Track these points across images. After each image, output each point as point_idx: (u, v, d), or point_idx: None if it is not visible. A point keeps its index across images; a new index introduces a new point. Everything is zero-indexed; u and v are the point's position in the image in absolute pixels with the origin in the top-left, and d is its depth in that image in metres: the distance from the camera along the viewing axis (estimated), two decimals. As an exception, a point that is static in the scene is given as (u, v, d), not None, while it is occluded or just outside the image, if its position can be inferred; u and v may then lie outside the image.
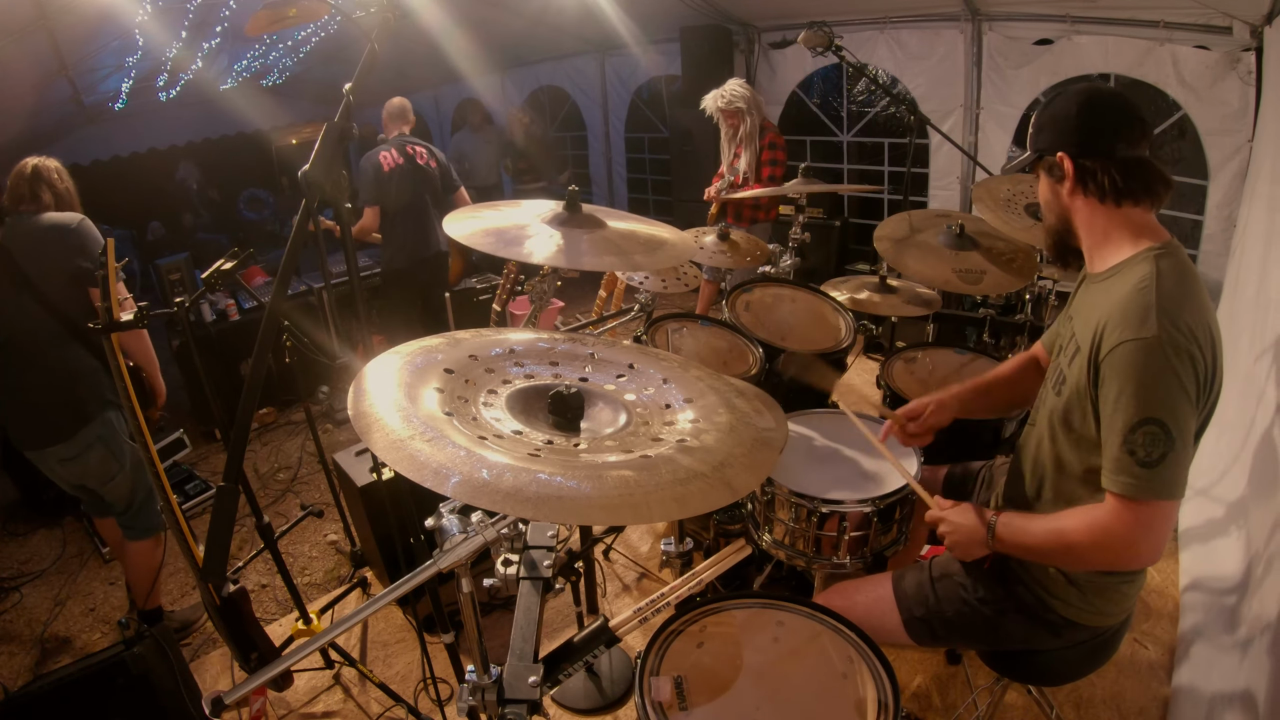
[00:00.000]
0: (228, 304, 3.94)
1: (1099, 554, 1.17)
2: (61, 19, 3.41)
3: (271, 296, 1.19)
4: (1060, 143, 1.25)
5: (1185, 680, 1.95)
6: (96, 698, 1.75)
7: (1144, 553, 1.12)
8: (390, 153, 3.58)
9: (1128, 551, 1.13)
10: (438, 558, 0.98)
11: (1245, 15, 2.97)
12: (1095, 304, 1.24)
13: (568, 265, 1.54)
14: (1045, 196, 1.34)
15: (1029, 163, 1.35)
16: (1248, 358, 2.24)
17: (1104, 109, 1.23)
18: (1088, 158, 1.23)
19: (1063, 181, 1.27)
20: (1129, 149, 1.21)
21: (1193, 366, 1.08)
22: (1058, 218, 1.34)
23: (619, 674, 2.17)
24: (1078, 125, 1.23)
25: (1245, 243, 2.78)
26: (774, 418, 1.09)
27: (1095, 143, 1.22)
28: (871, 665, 1.21)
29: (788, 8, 4.79)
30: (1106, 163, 1.21)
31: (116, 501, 2.29)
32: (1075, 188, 1.26)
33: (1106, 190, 1.22)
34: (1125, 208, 1.23)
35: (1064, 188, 1.28)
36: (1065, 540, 1.19)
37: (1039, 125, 1.30)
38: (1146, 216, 1.24)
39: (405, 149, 3.61)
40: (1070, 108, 1.24)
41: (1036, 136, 1.31)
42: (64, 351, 2.10)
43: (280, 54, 5.58)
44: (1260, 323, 2.24)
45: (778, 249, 2.69)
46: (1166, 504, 1.10)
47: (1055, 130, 1.26)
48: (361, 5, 1.50)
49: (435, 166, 3.72)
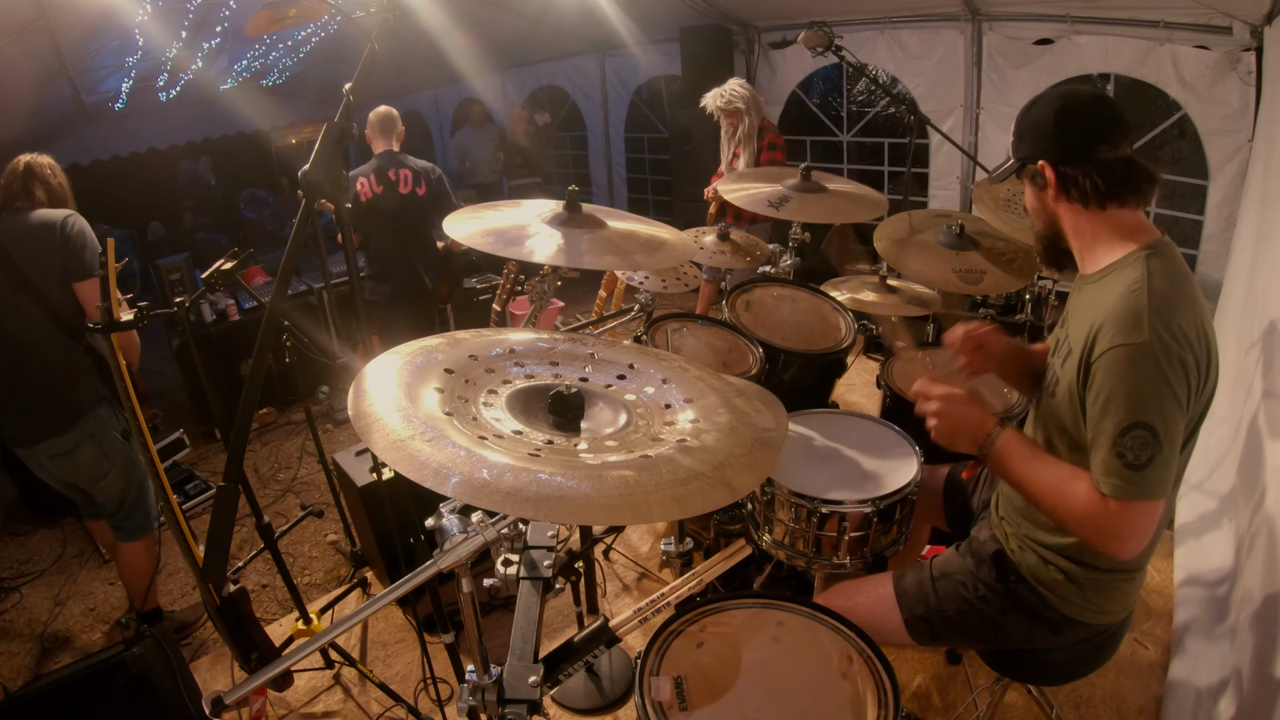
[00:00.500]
0: (228, 304, 3.94)
1: (1082, 531, 1.18)
2: (61, 19, 3.41)
3: (271, 296, 1.19)
4: (1040, 150, 1.25)
5: (1179, 673, 1.95)
6: (96, 698, 1.75)
7: (1127, 547, 1.14)
8: (369, 179, 3.19)
9: (1111, 544, 1.14)
10: (438, 558, 0.98)
11: (1245, 15, 2.97)
12: (1088, 306, 1.24)
13: (568, 265, 1.54)
14: (1031, 204, 1.34)
15: (1014, 170, 1.34)
16: (1236, 352, 2.25)
17: (1081, 113, 1.22)
18: (1068, 164, 1.22)
19: (1046, 189, 1.27)
20: (1110, 150, 1.20)
21: (1183, 370, 1.09)
22: (1045, 224, 1.33)
23: (619, 674, 2.17)
24: (1055, 132, 1.23)
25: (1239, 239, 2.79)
26: (774, 417, 1.09)
27: (1074, 148, 1.22)
28: (871, 665, 1.21)
29: (788, 8, 4.79)
30: (1088, 167, 1.21)
31: (107, 502, 2.29)
32: (1059, 195, 1.26)
33: (1089, 195, 1.22)
34: (1111, 210, 1.23)
35: (1048, 195, 1.28)
36: (1065, 500, 1.18)
37: (1019, 133, 1.30)
38: (1135, 216, 1.24)
39: (387, 173, 3.20)
40: (1047, 114, 1.24)
41: (1018, 145, 1.30)
42: (57, 348, 2.11)
43: (280, 54, 5.59)
44: (1249, 317, 2.25)
45: (778, 249, 2.69)
46: (1151, 504, 1.12)
47: (1035, 138, 1.26)
48: (361, 5, 1.51)
49: (424, 192, 3.27)
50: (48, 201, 2.12)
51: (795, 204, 2.35)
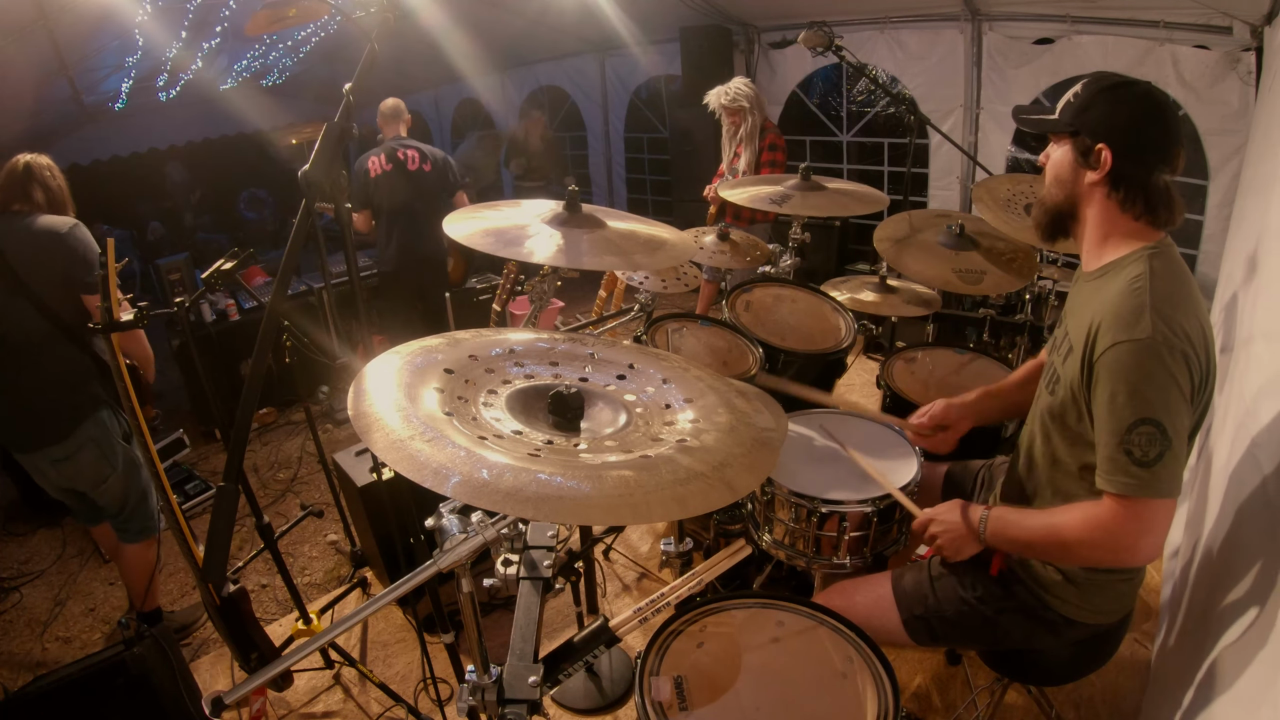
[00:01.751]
0: (228, 304, 3.94)
1: (1095, 551, 1.17)
2: (61, 19, 3.41)
3: (271, 296, 1.19)
4: (1107, 134, 1.19)
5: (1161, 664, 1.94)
6: (96, 698, 1.75)
7: (1143, 550, 1.12)
8: (379, 158, 3.53)
9: (1127, 550, 1.13)
10: (438, 558, 0.98)
11: (1245, 15, 2.97)
12: (1087, 302, 1.24)
13: (568, 265, 1.54)
14: (1059, 171, 1.28)
15: (1055, 129, 1.27)
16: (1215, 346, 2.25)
17: (1164, 123, 1.19)
18: (1129, 162, 1.19)
19: (1092, 169, 1.22)
20: (1166, 169, 1.19)
21: (1187, 365, 1.09)
22: (1065, 197, 1.28)
23: (619, 674, 2.17)
24: (1132, 126, 1.19)
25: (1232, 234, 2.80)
26: (774, 417, 1.09)
27: (1143, 151, 1.19)
28: (871, 665, 1.21)
29: (788, 8, 4.79)
30: (1144, 175, 1.19)
31: (110, 505, 2.28)
32: (1104, 182, 1.22)
33: (1135, 201, 1.20)
34: (1139, 220, 1.22)
35: (1089, 175, 1.23)
36: (1060, 537, 1.19)
37: (1087, 101, 1.22)
38: (1149, 228, 1.24)
39: (396, 153, 3.55)
40: (1133, 105, 1.19)
41: (1080, 113, 1.22)
42: (57, 353, 2.09)
43: (280, 54, 5.58)
44: (1230, 310, 2.24)
45: (778, 249, 2.69)
46: (1165, 502, 1.10)
47: (1108, 119, 1.19)
48: (361, 5, 1.51)
49: (430, 169, 3.64)
50: (46, 205, 2.09)
51: (797, 201, 2.35)
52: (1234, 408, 1.75)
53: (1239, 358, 1.87)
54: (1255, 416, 1.50)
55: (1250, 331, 1.83)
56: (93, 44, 4.12)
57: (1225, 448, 1.75)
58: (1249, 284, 2.06)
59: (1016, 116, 1.39)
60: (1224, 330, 2.19)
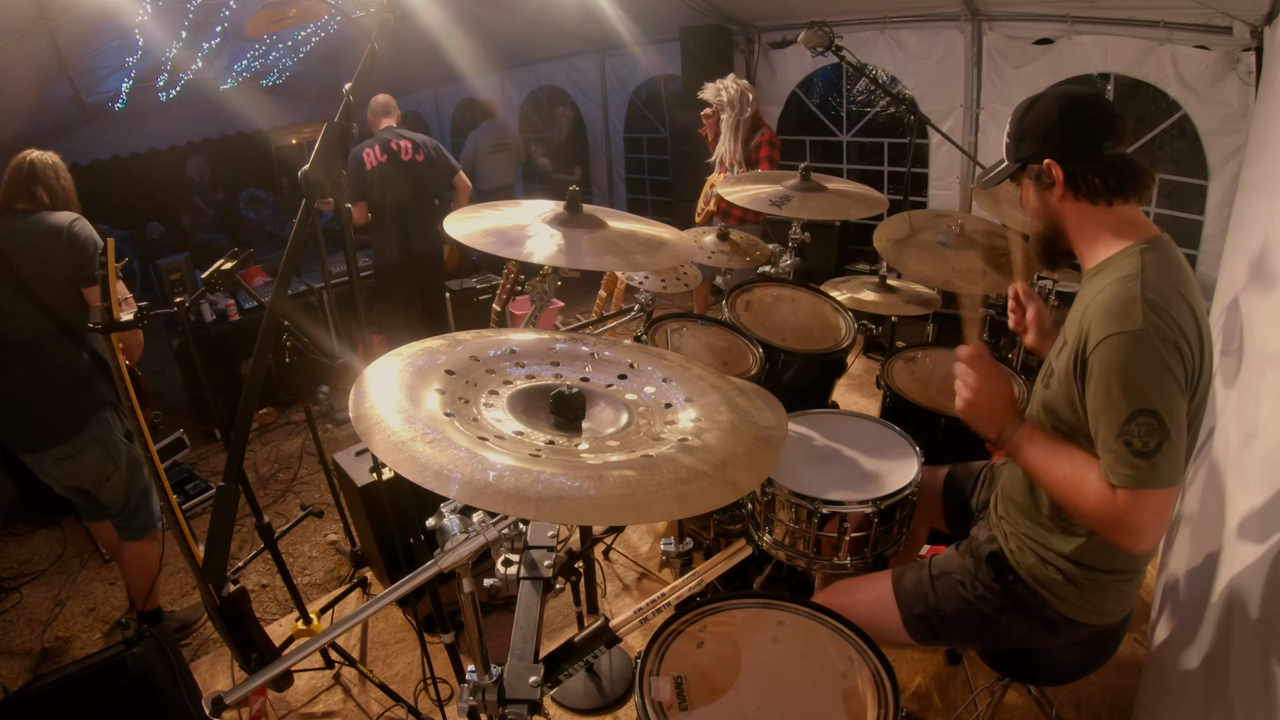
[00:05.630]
0: (228, 304, 3.94)
1: (1100, 526, 1.16)
2: (61, 19, 3.41)
3: (271, 296, 1.18)
4: (1046, 149, 1.25)
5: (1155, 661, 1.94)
6: (96, 698, 1.75)
7: (1145, 540, 1.12)
8: (373, 149, 3.55)
9: (1129, 538, 1.13)
10: (438, 558, 0.98)
11: (1245, 15, 2.97)
12: (1081, 298, 1.25)
13: (568, 265, 1.54)
14: (1032, 204, 1.34)
15: (1011, 173, 1.34)
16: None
17: (1085, 110, 1.23)
18: (1075, 161, 1.23)
19: (1052, 188, 1.27)
20: (1114, 146, 1.22)
21: (1180, 355, 1.09)
22: (1047, 224, 1.33)
23: (619, 674, 2.17)
24: (1062, 130, 1.23)
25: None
26: (775, 416, 1.09)
27: (1082, 145, 1.23)
28: (871, 665, 1.21)
29: (788, 8, 4.79)
30: (1096, 164, 1.22)
31: (112, 503, 2.29)
32: (1065, 192, 1.26)
33: (1099, 190, 1.23)
34: (1116, 206, 1.24)
35: (1053, 194, 1.28)
36: (1080, 491, 1.17)
37: (1018, 134, 1.30)
38: (1135, 213, 1.25)
39: (389, 144, 3.57)
40: (1051, 113, 1.24)
41: (1018, 146, 1.30)
42: (61, 353, 2.09)
43: (280, 54, 5.58)
44: (1231, 310, 2.24)
45: (778, 249, 2.69)
46: (1166, 492, 1.10)
47: (1038, 137, 1.26)
48: (361, 5, 1.51)
49: (423, 159, 3.66)
50: (49, 204, 2.08)
51: (796, 202, 2.35)
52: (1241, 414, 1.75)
53: (1240, 359, 1.86)
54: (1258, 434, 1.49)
55: (1253, 331, 1.83)
56: (93, 44, 4.11)
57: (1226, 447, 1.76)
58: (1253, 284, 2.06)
59: (979, 184, 1.47)
60: (1225, 331, 2.19)
